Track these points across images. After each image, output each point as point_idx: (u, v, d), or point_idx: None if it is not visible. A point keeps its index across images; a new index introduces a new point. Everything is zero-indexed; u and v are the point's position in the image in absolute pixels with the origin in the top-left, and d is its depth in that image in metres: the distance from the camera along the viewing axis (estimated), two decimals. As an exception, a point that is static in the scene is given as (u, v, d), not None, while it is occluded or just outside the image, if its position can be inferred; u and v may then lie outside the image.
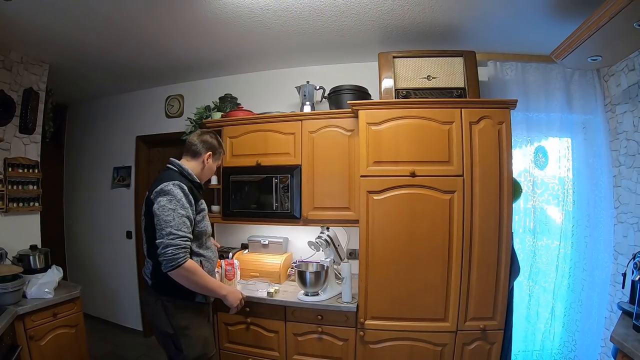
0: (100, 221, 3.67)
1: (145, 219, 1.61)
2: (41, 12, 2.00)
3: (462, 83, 2.23)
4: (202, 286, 1.56)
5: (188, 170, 1.70)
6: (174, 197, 1.52)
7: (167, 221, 1.48)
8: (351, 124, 2.27)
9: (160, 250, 1.48)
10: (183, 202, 1.53)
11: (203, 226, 1.67)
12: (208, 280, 1.58)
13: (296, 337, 2.09)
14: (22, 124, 2.56)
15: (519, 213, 2.41)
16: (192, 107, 3.04)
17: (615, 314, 2.10)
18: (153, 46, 2.51)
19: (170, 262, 1.46)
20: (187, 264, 1.49)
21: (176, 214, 1.50)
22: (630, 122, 2.08)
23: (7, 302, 1.91)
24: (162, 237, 1.48)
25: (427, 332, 1.95)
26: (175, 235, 1.47)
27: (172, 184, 1.55)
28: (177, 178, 1.61)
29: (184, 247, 1.49)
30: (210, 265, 1.70)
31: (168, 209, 1.50)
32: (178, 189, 1.54)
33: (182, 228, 1.50)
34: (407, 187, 1.97)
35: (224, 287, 1.68)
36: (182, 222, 1.50)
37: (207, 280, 1.57)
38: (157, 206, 1.52)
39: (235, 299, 1.68)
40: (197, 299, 1.62)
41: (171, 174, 1.65)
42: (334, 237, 2.30)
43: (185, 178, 1.66)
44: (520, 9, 1.96)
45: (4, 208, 2.41)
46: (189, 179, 1.68)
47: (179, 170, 1.69)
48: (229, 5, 1.98)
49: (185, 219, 1.52)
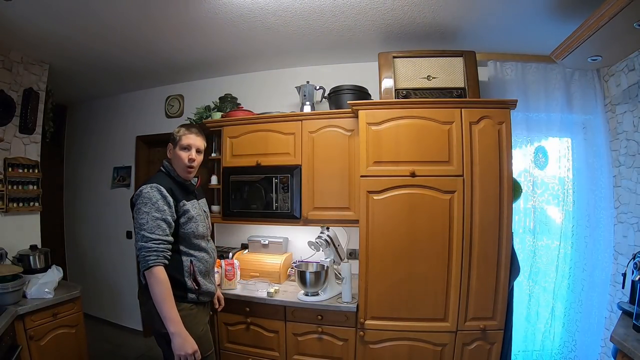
0: (100, 221, 3.68)
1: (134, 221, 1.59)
2: (41, 13, 2.00)
3: (462, 83, 2.23)
4: (158, 301, 1.44)
5: (175, 171, 1.67)
6: (149, 199, 1.50)
7: (141, 224, 1.48)
8: (351, 124, 2.27)
9: (136, 252, 1.50)
10: (159, 205, 1.51)
11: (189, 228, 1.60)
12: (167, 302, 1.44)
13: (296, 337, 2.09)
14: (22, 124, 2.56)
15: (519, 213, 2.41)
16: (192, 107, 3.04)
17: (615, 314, 2.10)
18: (153, 46, 2.52)
19: (142, 263, 1.46)
20: (155, 270, 1.44)
21: (150, 217, 1.48)
22: (630, 122, 2.08)
23: (7, 302, 1.91)
24: (137, 240, 1.49)
25: (427, 332, 1.95)
26: (148, 238, 1.46)
27: (150, 186, 1.53)
28: (160, 180, 1.59)
29: (155, 250, 1.46)
30: (202, 266, 1.65)
31: (142, 211, 1.49)
32: (155, 191, 1.52)
33: (156, 231, 1.48)
34: (407, 187, 1.97)
35: (177, 323, 1.45)
36: (156, 225, 1.48)
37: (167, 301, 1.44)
38: (135, 209, 1.54)
39: (182, 347, 1.43)
40: (189, 298, 1.59)
41: (157, 175, 1.65)
42: (334, 237, 2.30)
43: (171, 178, 1.65)
44: (520, 9, 1.96)
45: (4, 208, 2.42)
46: (174, 178, 1.66)
47: (166, 171, 1.68)
48: (229, 5, 1.98)
49: (160, 221, 1.49)
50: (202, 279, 1.65)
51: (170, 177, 1.66)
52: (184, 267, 1.60)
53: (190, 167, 1.67)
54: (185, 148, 1.65)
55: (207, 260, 1.69)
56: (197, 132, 1.71)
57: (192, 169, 1.68)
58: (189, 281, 1.59)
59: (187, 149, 1.65)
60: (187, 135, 1.67)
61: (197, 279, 1.62)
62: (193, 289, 1.60)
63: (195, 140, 1.68)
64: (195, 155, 1.67)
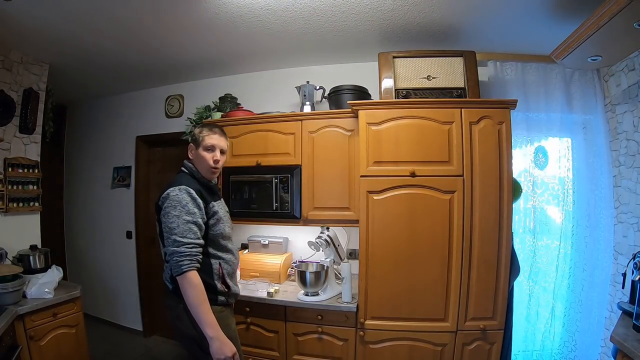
0: (100, 221, 3.67)
1: (158, 225, 1.55)
2: (41, 12, 2.00)
3: (462, 83, 2.23)
4: (194, 306, 1.41)
5: (199, 172, 1.63)
6: (179, 202, 1.46)
7: (172, 228, 1.44)
8: (351, 124, 2.27)
9: (168, 257, 1.46)
10: (189, 208, 1.47)
11: (218, 229, 1.58)
12: (203, 306, 1.41)
13: (296, 337, 2.09)
14: (22, 124, 2.56)
15: (519, 213, 2.41)
16: (192, 107, 3.04)
17: (615, 314, 2.10)
18: (153, 46, 2.52)
19: (175, 268, 1.42)
20: (189, 275, 1.41)
21: (181, 221, 1.44)
22: (630, 122, 2.08)
23: (7, 302, 1.91)
24: (168, 245, 1.45)
25: (427, 332, 1.95)
26: (180, 242, 1.42)
27: (178, 189, 1.49)
28: (186, 181, 1.54)
29: (188, 255, 1.42)
30: (230, 268, 1.63)
31: (172, 215, 1.45)
32: (184, 194, 1.48)
33: (188, 235, 1.44)
34: (407, 187, 1.97)
35: (215, 327, 1.41)
36: (187, 229, 1.44)
37: (203, 305, 1.42)
38: (163, 212, 1.48)
39: (221, 350, 1.40)
40: (219, 300, 1.56)
41: (181, 177, 1.60)
42: (334, 237, 2.30)
43: (195, 180, 1.60)
44: (520, 8, 1.96)
45: (4, 208, 2.41)
46: (199, 180, 1.62)
47: (190, 172, 1.63)
48: (230, 5, 1.98)
49: (191, 225, 1.46)
50: (230, 280, 1.62)
51: (194, 178, 1.62)
52: (213, 270, 1.56)
53: (215, 169, 1.64)
54: (209, 149, 1.62)
55: (233, 261, 1.66)
56: (220, 132, 1.69)
57: (217, 170, 1.66)
58: (219, 284, 1.56)
59: (210, 150, 1.62)
60: (211, 135, 1.63)
61: (226, 280, 1.59)
62: (223, 291, 1.57)
63: (219, 140, 1.65)
64: (219, 156, 1.64)
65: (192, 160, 1.66)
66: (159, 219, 1.53)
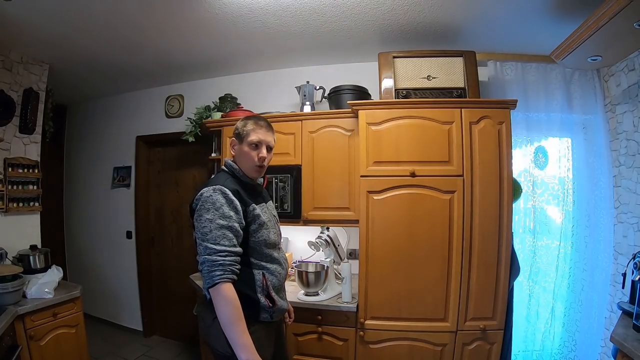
0: (100, 221, 3.67)
1: (194, 230, 1.38)
2: (41, 12, 2.00)
3: (462, 83, 2.23)
4: (227, 325, 1.23)
5: (240, 170, 1.45)
6: (212, 204, 1.29)
7: (204, 234, 1.27)
8: (351, 124, 2.27)
9: (200, 266, 1.29)
10: (224, 211, 1.29)
11: (260, 236, 1.39)
12: (238, 326, 1.23)
13: (296, 337, 2.09)
14: (22, 124, 2.56)
15: (519, 213, 2.41)
16: (192, 107, 3.04)
17: (615, 314, 2.10)
18: (153, 46, 2.52)
19: (206, 279, 1.25)
20: (223, 287, 1.23)
21: (214, 225, 1.27)
22: (630, 122, 2.08)
23: (7, 302, 1.91)
24: (201, 252, 1.28)
25: (427, 332, 1.95)
26: (212, 249, 1.25)
27: (213, 189, 1.32)
28: (223, 181, 1.37)
29: (221, 264, 1.24)
30: (276, 280, 1.43)
31: (205, 219, 1.28)
32: (219, 195, 1.30)
33: (221, 241, 1.26)
34: (407, 187, 1.97)
35: (250, 350, 1.22)
36: (221, 235, 1.27)
37: (238, 324, 1.23)
38: (195, 216, 1.32)
39: None
40: (261, 317, 1.37)
41: (219, 176, 1.44)
42: (334, 237, 2.30)
43: (237, 179, 1.43)
44: (520, 8, 1.96)
45: (4, 208, 2.41)
46: (241, 180, 1.44)
47: (230, 171, 1.46)
48: (229, 5, 1.98)
49: (225, 230, 1.28)
50: (276, 294, 1.42)
51: (235, 177, 1.44)
52: (255, 282, 1.37)
53: (261, 167, 1.46)
54: (255, 145, 1.43)
55: (280, 272, 1.46)
56: (267, 126, 1.48)
57: (263, 169, 1.47)
58: (262, 297, 1.37)
59: (256, 146, 1.43)
60: (256, 130, 1.44)
61: (270, 294, 1.39)
62: (267, 307, 1.38)
63: (265, 135, 1.45)
64: (266, 153, 1.45)
65: (234, 156, 1.48)
66: (193, 223, 1.37)
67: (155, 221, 3.52)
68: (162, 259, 3.47)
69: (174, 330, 3.36)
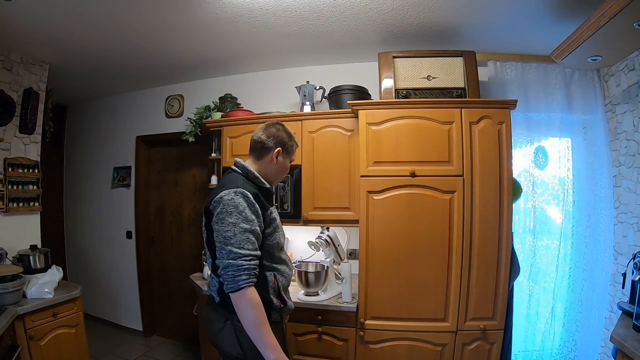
0: (100, 221, 3.67)
1: (207, 232, 1.38)
2: (41, 13, 2.00)
3: (462, 83, 2.23)
4: (254, 328, 1.25)
5: (254, 173, 1.44)
6: (235, 208, 1.28)
7: (228, 237, 1.26)
8: (351, 124, 2.27)
9: (221, 270, 1.28)
10: (246, 214, 1.29)
11: (274, 239, 1.42)
12: (264, 327, 1.26)
13: (296, 337, 2.09)
14: (22, 124, 2.56)
15: (519, 213, 2.41)
16: (192, 107, 3.04)
17: (615, 314, 2.10)
18: (153, 46, 2.52)
19: (229, 283, 1.26)
20: (248, 292, 1.24)
21: (238, 229, 1.27)
22: (630, 122, 2.08)
23: (7, 302, 1.91)
24: (223, 257, 1.27)
25: (427, 332, 1.95)
26: (237, 254, 1.25)
27: (234, 191, 1.31)
28: (242, 184, 1.36)
29: (246, 268, 1.25)
30: (285, 281, 1.47)
31: (228, 222, 1.27)
32: (240, 198, 1.30)
33: (245, 245, 1.27)
34: (407, 187, 1.97)
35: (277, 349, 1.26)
36: (245, 239, 1.27)
37: (265, 326, 1.26)
38: (216, 219, 1.30)
39: None
40: (272, 317, 1.37)
41: (235, 178, 1.41)
42: (334, 237, 2.30)
43: (251, 183, 1.41)
44: (521, 9, 1.96)
45: (4, 208, 2.41)
46: (255, 183, 1.43)
47: (244, 173, 1.44)
48: (230, 6, 1.98)
49: (249, 234, 1.28)
50: (285, 294, 1.46)
51: (249, 179, 1.43)
52: (268, 283, 1.39)
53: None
54: (292, 160, 1.58)
55: (288, 273, 1.50)
56: None
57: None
58: (275, 298, 1.40)
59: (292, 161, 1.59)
60: (295, 147, 1.58)
61: (281, 295, 1.43)
62: (278, 307, 1.41)
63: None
64: None
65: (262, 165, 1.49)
66: (207, 224, 1.36)
67: (155, 221, 3.52)
68: (162, 259, 3.47)
69: (174, 330, 3.36)
